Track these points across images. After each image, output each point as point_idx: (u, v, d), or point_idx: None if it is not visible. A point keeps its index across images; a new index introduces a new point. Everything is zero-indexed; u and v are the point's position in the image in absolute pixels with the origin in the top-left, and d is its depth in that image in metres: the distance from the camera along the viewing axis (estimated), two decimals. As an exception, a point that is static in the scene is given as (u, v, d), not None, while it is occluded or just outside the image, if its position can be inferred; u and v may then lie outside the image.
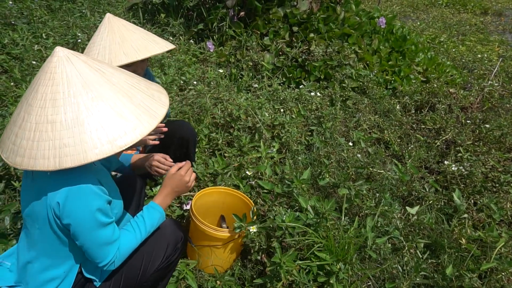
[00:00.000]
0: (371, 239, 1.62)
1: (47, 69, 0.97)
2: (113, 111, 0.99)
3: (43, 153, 0.93)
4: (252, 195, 1.97)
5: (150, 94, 1.10)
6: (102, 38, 1.48)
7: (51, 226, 1.05)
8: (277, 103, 2.93)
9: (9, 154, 0.97)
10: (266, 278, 1.53)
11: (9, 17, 3.62)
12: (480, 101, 3.25)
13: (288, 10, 3.64)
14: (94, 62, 1.04)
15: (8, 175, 1.88)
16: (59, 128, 0.94)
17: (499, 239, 1.71)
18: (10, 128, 1.00)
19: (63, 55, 0.98)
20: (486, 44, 5.57)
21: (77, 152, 0.93)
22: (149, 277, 1.29)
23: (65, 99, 0.95)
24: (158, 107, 1.09)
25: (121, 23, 1.54)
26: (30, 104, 0.96)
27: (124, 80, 1.07)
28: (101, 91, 0.99)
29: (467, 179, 2.27)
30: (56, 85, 0.96)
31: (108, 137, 0.96)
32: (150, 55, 1.48)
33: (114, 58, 1.42)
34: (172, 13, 4.06)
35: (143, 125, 1.02)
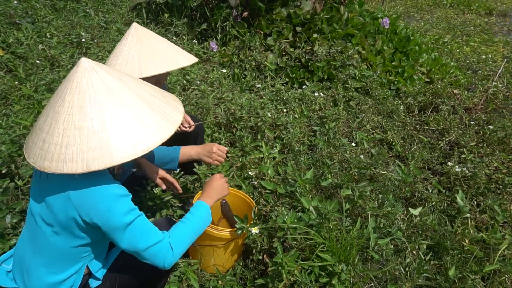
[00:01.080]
0: (373, 240, 1.61)
1: (73, 79, 1.03)
2: (135, 117, 1.05)
3: (71, 157, 0.98)
4: (254, 195, 1.97)
5: (166, 102, 1.17)
6: (130, 47, 1.48)
7: (72, 227, 1.07)
8: (280, 103, 2.93)
9: (37, 159, 1.01)
10: (268, 278, 1.52)
11: (14, 17, 3.64)
12: (484, 102, 3.24)
13: (292, 10, 3.64)
14: (115, 72, 1.10)
15: (11, 174, 1.89)
16: (87, 133, 0.99)
17: (502, 241, 1.70)
18: (36, 134, 1.05)
19: (88, 65, 1.04)
20: (491, 45, 5.54)
21: (103, 156, 0.99)
22: (145, 278, 1.29)
23: (91, 106, 1.01)
24: (175, 113, 1.16)
25: (148, 33, 1.55)
26: (57, 111, 1.01)
27: (143, 89, 1.13)
28: (123, 99, 1.05)
29: (470, 180, 2.25)
30: (83, 93, 1.01)
31: (132, 141, 1.02)
32: (178, 67, 1.50)
33: (144, 68, 1.43)
34: (175, 13, 4.07)
35: (162, 130, 1.08)
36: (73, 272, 1.16)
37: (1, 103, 2.57)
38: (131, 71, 1.43)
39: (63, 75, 2.86)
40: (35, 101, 2.49)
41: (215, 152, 1.60)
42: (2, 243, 1.39)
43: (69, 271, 1.14)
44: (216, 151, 1.61)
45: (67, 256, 1.12)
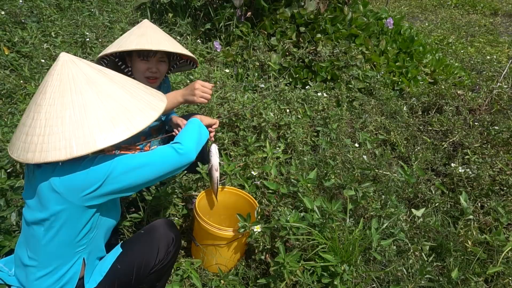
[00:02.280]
0: (376, 241, 1.61)
1: (53, 72, 1.05)
2: (118, 104, 1.06)
3: (54, 145, 0.98)
4: (257, 195, 1.97)
5: (149, 93, 1.19)
6: (132, 32, 1.55)
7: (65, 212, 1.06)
8: (283, 103, 2.93)
9: (20, 152, 1.02)
10: (269, 278, 1.53)
11: (19, 16, 3.66)
12: (488, 103, 3.22)
13: (296, 11, 3.64)
14: (96, 66, 1.12)
15: (15, 173, 1.90)
16: (68, 121, 1.00)
17: (506, 243, 1.69)
18: (19, 130, 1.06)
19: (68, 58, 1.06)
20: (496, 45, 5.51)
21: (86, 141, 0.99)
22: (144, 280, 1.30)
23: (73, 95, 1.02)
24: (158, 102, 1.18)
25: (153, 26, 1.59)
26: (39, 104, 1.02)
27: (125, 80, 1.16)
28: (104, 88, 1.07)
29: (474, 181, 2.24)
30: (64, 84, 1.03)
31: (114, 126, 1.03)
32: (159, 49, 1.49)
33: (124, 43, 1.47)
34: (179, 13, 4.08)
35: (145, 115, 1.09)
36: (70, 268, 1.16)
37: (6, 102, 2.59)
38: (114, 46, 1.48)
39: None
40: (40, 100, 2.50)
41: (197, 88, 1.54)
42: (8, 240, 1.40)
43: (66, 268, 1.15)
44: (199, 87, 1.54)
45: (62, 254, 1.13)
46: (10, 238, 1.40)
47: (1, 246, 1.39)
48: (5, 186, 1.56)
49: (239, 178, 2.03)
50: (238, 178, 2.04)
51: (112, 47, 1.52)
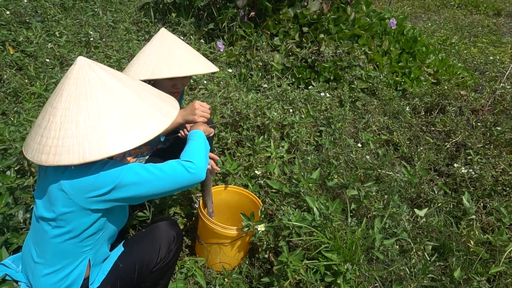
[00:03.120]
0: (378, 241, 1.62)
1: (70, 75, 1.07)
2: (131, 110, 1.08)
3: (68, 149, 1.00)
4: (260, 195, 1.98)
5: (162, 99, 1.21)
6: (152, 49, 1.52)
7: (74, 213, 1.08)
8: (286, 103, 2.94)
9: (35, 153, 1.03)
10: (273, 277, 1.54)
11: (24, 15, 3.69)
12: (491, 103, 3.22)
13: (299, 11, 3.65)
14: (111, 70, 1.13)
15: (23, 171, 1.92)
16: (83, 125, 1.02)
17: (508, 243, 1.70)
18: (35, 131, 1.08)
19: (85, 63, 1.08)
20: (499, 46, 5.50)
21: (99, 147, 1.01)
22: (146, 279, 1.32)
23: (88, 100, 1.04)
24: (170, 108, 1.19)
25: (173, 38, 1.57)
26: (55, 107, 1.04)
27: (139, 86, 1.17)
28: (119, 93, 1.08)
29: (476, 182, 2.25)
30: (80, 88, 1.05)
31: (127, 132, 1.04)
32: (192, 73, 1.50)
33: (157, 69, 1.44)
34: (183, 13, 4.10)
35: (157, 122, 1.11)
36: (76, 268, 1.18)
37: (12, 101, 2.61)
38: (146, 71, 1.45)
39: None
40: (45, 99, 2.53)
41: (197, 108, 1.56)
42: (16, 237, 1.42)
43: (72, 267, 1.17)
44: (199, 107, 1.57)
45: (69, 253, 1.14)
46: (17, 235, 1.42)
47: (9, 243, 1.41)
48: (14, 185, 1.58)
49: (242, 177, 2.05)
50: (241, 177, 2.05)
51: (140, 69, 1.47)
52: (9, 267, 1.22)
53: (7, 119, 2.25)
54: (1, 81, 2.84)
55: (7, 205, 1.46)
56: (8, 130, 1.93)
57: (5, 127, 1.96)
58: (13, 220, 1.48)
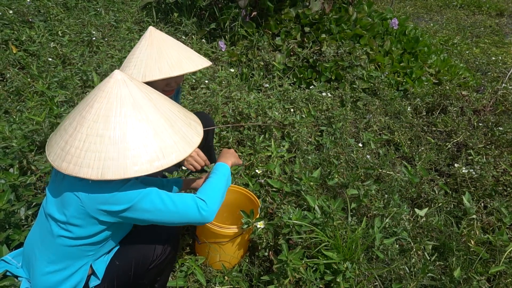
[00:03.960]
0: (378, 240, 1.62)
1: (104, 88, 1.07)
2: (156, 134, 1.08)
3: (89, 163, 1.01)
4: (261, 194, 1.99)
5: (188, 123, 1.20)
6: (141, 51, 1.50)
7: (84, 220, 1.10)
8: (287, 103, 2.95)
9: (56, 158, 1.05)
10: (273, 275, 1.55)
11: (27, 15, 3.71)
12: (493, 104, 3.21)
13: (300, 11, 3.65)
14: (144, 87, 1.13)
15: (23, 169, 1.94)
16: (107, 142, 1.02)
17: (509, 243, 1.70)
18: (60, 135, 1.08)
19: (120, 78, 1.08)
20: (501, 46, 5.49)
21: (118, 167, 1.01)
22: (143, 276, 1.32)
23: (116, 117, 1.04)
24: (194, 135, 1.18)
25: (162, 37, 1.55)
26: (84, 116, 1.05)
27: (168, 107, 1.16)
28: (148, 115, 1.08)
29: (477, 182, 2.25)
30: (111, 103, 1.05)
31: (148, 157, 1.04)
32: (183, 73, 1.48)
33: (148, 72, 1.43)
34: (185, 12, 4.11)
35: (179, 150, 1.10)
36: (77, 271, 1.19)
37: (14, 99, 2.63)
38: (137, 74, 1.44)
39: (75, 72, 2.91)
40: (48, 97, 2.54)
41: (192, 156, 1.56)
42: (18, 234, 1.43)
43: (73, 270, 1.18)
44: (194, 156, 1.57)
45: (73, 255, 1.15)
46: (19, 232, 1.43)
47: (11, 239, 1.42)
48: (17, 182, 1.59)
49: (243, 176, 2.06)
50: (242, 176, 2.06)
51: (131, 72, 1.46)
52: (9, 263, 1.23)
53: (10, 117, 2.26)
54: (4, 80, 2.86)
55: (9, 202, 1.46)
56: (10, 128, 1.95)
57: (7, 125, 1.97)
58: (15, 217, 1.49)
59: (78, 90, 2.73)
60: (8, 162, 1.76)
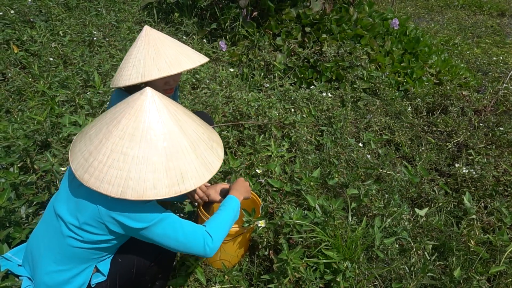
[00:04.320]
0: (378, 239, 1.62)
1: (133, 105, 1.07)
2: (178, 158, 1.08)
3: (110, 179, 1.01)
4: (261, 193, 1.99)
5: (210, 146, 1.19)
6: (138, 50, 1.49)
7: (95, 228, 1.11)
8: (288, 103, 2.95)
9: (79, 167, 1.05)
10: (273, 274, 1.55)
11: (28, 15, 3.72)
12: (494, 104, 3.21)
13: (301, 11, 3.65)
14: (172, 107, 1.13)
15: (26, 167, 1.94)
16: (130, 161, 1.02)
17: (509, 243, 1.70)
18: (85, 143, 1.08)
19: (150, 96, 1.08)
20: (502, 46, 5.49)
21: (138, 188, 1.02)
22: (145, 274, 1.33)
23: (142, 137, 1.04)
24: (215, 160, 1.18)
25: (158, 35, 1.54)
26: (110, 131, 1.05)
27: (193, 130, 1.16)
28: (173, 138, 1.08)
29: (477, 182, 2.25)
30: (138, 122, 1.05)
31: (168, 181, 1.05)
32: (182, 70, 1.48)
33: (147, 72, 1.42)
34: (186, 13, 4.12)
35: (199, 176, 1.11)
36: (81, 272, 1.19)
37: (16, 99, 2.64)
38: (136, 74, 1.43)
39: (77, 72, 2.92)
40: (49, 97, 2.55)
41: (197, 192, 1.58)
42: (19, 232, 1.44)
43: (77, 271, 1.18)
44: (198, 192, 1.58)
45: (79, 256, 1.15)
46: (20, 230, 1.44)
47: (12, 238, 1.42)
48: (17, 181, 1.60)
49: (244, 176, 2.06)
50: (243, 176, 2.06)
51: (130, 72, 1.45)
52: (10, 260, 1.23)
53: (11, 116, 2.27)
54: (6, 80, 2.87)
55: (9, 200, 1.47)
56: (12, 128, 1.95)
57: (9, 125, 1.98)
58: (15, 215, 1.50)
59: (79, 90, 2.74)
60: (10, 161, 1.77)
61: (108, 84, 2.77)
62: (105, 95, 2.62)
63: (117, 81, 1.45)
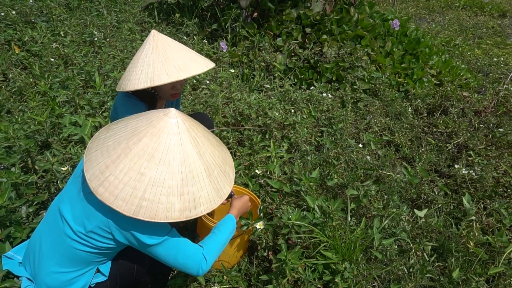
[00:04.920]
0: (377, 240, 1.62)
1: (156, 124, 1.06)
2: (193, 184, 1.08)
3: (124, 197, 1.01)
4: (260, 194, 2.00)
5: (223, 170, 1.20)
6: (146, 55, 1.49)
7: (99, 237, 1.12)
8: (288, 103, 2.95)
9: (93, 179, 1.04)
10: (272, 274, 1.55)
11: (29, 15, 3.74)
12: (494, 105, 3.21)
13: (302, 12, 3.66)
14: (194, 130, 1.13)
15: (26, 167, 1.95)
16: (146, 182, 1.02)
17: (508, 244, 1.70)
18: (102, 154, 1.07)
19: (175, 118, 1.08)
20: (503, 47, 5.48)
21: (151, 209, 1.02)
22: (145, 273, 1.34)
23: (161, 160, 1.04)
24: (226, 185, 1.19)
25: (165, 40, 1.55)
26: (130, 148, 1.05)
27: (210, 153, 1.17)
28: (190, 163, 1.08)
29: (477, 183, 2.25)
30: (159, 143, 1.05)
31: (180, 205, 1.06)
32: (190, 75, 1.49)
33: (156, 76, 1.43)
34: (186, 13, 4.12)
35: (210, 202, 1.12)
36: (83, 274, 1.19)
37: (17, 99, 2.65)
38: (145, 79, 1.43)
39: (78, 72, 2.93)
40: (50, 97, 2.56)
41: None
42: (19, 231, 1.44)
43: (79, 273, 1.18)
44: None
45: (82, 259, 1.16)
46: (20, 229, 1.44)
47: (13, 237, 1.43)
48: (18, 181, 1.60)
49: (243, 176, 2.06)
50: (242, 176, 2.07)
51: (139, 76, 1.45)
52: (11, 258, 1.24)
53: (12, 117, 2.28)
54: (7, 80, 2.88)
55: (10, 199, 1.48)
56: (13, 128, 1.96)
57: (10, 125, 1.98)
58: (16, 215, 1.51)
59: (80, 90, 2.75)
60: (11, 161, 1.77)
61: (108, 84, 2.78)
62: (105, 95, 2.63)
63: (124, 85, 1.45)
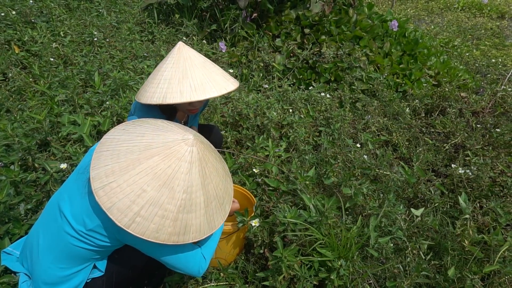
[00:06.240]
0: (373, 238, 1.63)
1: (171, 146, 1.06)
2: (189, 212, 1.09)
3: (121, 207, 1.01)
4: (258, 192, 2.01)
5: (221, 202, 1.22)
6: (166, 68, 1.46)
7: (98, 236, 1.12)
8: (286, 103, 2.97)
9: (97, 180, 1.04)
10: (268, 272, 1.56)
11: (29, 15, 3.75)
12: (492, 106, 3.22)
13: (301, 12, 3.68)
14: (205, 160, 1.12)
15: (26, 165, 1.96)
16: (145, 199, 1.02)
17: (503, 242, 1.71)
18: (111, 156, 1.07)
19: (191, 146, 1.07)
20: (501, 48, 5.50)
21: (142, 227, 1.03)
22: (141, 270, 1.35)
23: (165, 183, 1.04)
24: (219, 218, 1.21)
25: (189, 55, 1.49)
26: (140, 161, 1.04)
27: (213, 186, 1.17)
28: (193, 191, 1.09)
29: (474, 182, 2.26)
30: (168, 167, 1.04)
31: (171, 229, 1.06)
32: (204, 98, 1.40)
33: (169, 94, 1.39)
34: (186, 14, 4.14)
35: (200, 232, 1.14)
36: (80, 271, 1.20)
37: (16, 98, 2.66)
38: (159, 94, 1.40)
39: (77, 72, 2.94)
40: (49, 97, 2.57)
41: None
42: (18, 228, 1.45)
43: (77, 269, 1.19)
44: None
45: (80, 256, 1.16)
46: (19, 226, 1.46)
47: (11, 234, 1.44)
48: (17, 179, 1.62)
49: (240, 175, 2.07)
50: (239, 175, 2.08)
51: (154, 90, 1.42)
52: (10, 254, 1.24)
53: (11, 116, 2.29)
54: (6, 79, 2.89)
55: (8, 196, 1.49)
56: (12, 127, 1.98)
57: (9, 123, 2.00)
58: (14, 211, 1.52)
59: (79, 89, 2.77)
60: (11, 160, 1.79)
61: (108, 84, 2.80)
62: (104, 95, 2.64)
63: (141, 96, 1.45)
